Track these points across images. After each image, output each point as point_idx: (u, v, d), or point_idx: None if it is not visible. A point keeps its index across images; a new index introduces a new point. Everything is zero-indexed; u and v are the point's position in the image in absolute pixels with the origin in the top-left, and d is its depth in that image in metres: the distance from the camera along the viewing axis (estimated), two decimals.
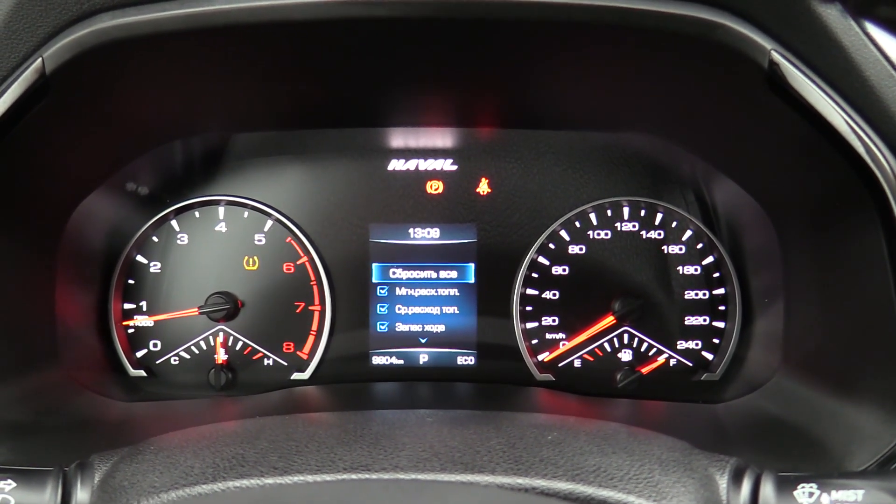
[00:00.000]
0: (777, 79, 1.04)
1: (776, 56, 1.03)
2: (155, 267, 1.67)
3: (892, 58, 1.03)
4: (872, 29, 1.01)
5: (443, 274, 1.70)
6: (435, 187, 1.70)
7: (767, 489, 0.89)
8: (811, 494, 0.88)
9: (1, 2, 1.04)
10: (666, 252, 1.67)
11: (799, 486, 0.89)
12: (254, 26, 1.04)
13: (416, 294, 1.70)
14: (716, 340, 1.67)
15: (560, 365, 1.69)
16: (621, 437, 1.01)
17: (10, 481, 0.92)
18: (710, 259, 1.67)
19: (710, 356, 1.67)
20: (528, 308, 1.68)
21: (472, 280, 1.69)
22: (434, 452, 0.92)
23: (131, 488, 0.90)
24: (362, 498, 0.79)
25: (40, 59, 1.05)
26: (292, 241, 1.68)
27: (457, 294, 1.70)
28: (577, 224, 1.68)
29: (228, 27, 1.04)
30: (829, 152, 1.08)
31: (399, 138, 1.66)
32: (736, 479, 0.92)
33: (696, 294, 1.67)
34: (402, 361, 1.70)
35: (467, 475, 0.87)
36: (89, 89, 1.16)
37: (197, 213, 1.68)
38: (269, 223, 1.68)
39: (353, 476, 0.86)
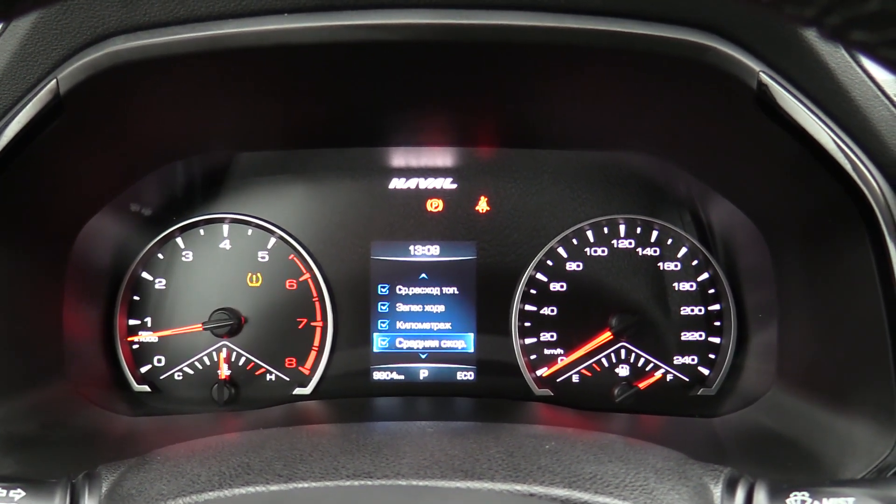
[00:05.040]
0: (766, 99, 1.08)
1: (764, 77, 1.07)
2: (160, 283, 1.70)
3: (878, 78, 1.07)
4: None
5: (443, 290, 1.72)
6: (435, 205, 1.73)
7: (761, 497, 0.91)
8: (803, 502, 0.90)
9: (17, 25, 1.08)
10: (662, 269, 1.70)
11: (791, 495, 0.90)
12: (262, 49, 1.07)
13: (417, 310, 1.72)
14: (711, 356, 1.69)
15: (558, 380, 1.71)
16: (618, 447, 1.04)
17: (19, 490, 0.93)
18: (705, 276, 1.70)
19: (706, 371, 1.69)
20: (527, 324, 1.70)
21: (471, 296, 1.72)
22: (435, 460, 0.94)
23: (139, 496, 0.92)
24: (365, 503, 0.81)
25: (55, 81, 1.09)
26: (295, 259, 1.71)
27: (456, 310, 1.72)
28: (575, 241, 1.71)
29: (237, 50, 1.07)
30: (818, 171, 1.11)
31: (400, 157, 1.69)
32: (730, 487, 0.94)
33: (692, 310, 1.69)
34: (402, 377, 1.72)
35: (467, 482, 0.89)
36: (101, 110, 1.19)
37: (202, 231, 1.71)
38: (273, 241, 1.71)
39: (356, 483, 0.89)
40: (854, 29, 0.52)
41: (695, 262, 1.70)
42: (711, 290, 1.70)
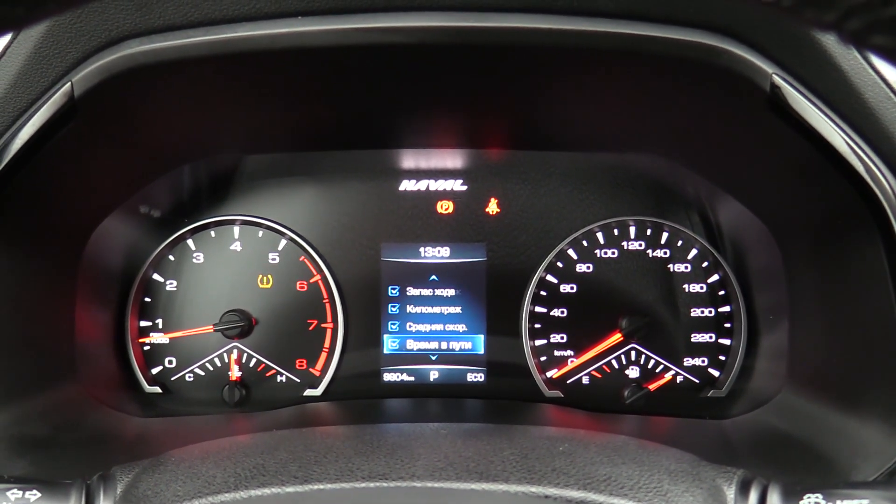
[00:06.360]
0: (779, 101, 1.08)
1: (777, 80, 1.07)
2: (171, 285, 1.70)
3: (891, 80, 1.07)
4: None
5: (452, 292, 1.72)
6: (445, 207, 1.73)
7: (774, 499, 0.91)
8: None
9: (32, 28, 1.09)
10: (672, 270, 1.70)
11: (805, 497, 0.90)
12: (275, 52, 1.08)
13: (427, 312, 1.72)
14: (722, 357, 1.69)
15: (568, 382, 1.71)
16: (631, 448, 1.04)
17: (35, 492, 0.94)
18: (715, 277, 1.70)
19: (716, 373, 1.69)
20: (537, 325, 1.70)
21: (481, 298, 1.72)
22: (449, 462, 0.94)
23: (155, 497, 0.92)
24: None
25: (69, 84, 1.10)
26: (305, 260, 1.71)
27: (466, 312, 1.72)
28: (585, 243, 1.71)
29: (250, 53, 1.08)
30: (830, 172, 1.11)
31: (410, 159, 1.70)
32: (743, 489, 0.94)
33: (702, 312, 1.69)
34: (412, 378, 1.73)
35: (482, 484, 0.89)
36: (115, 113, 1.20)
37: (212, 233, 1.71)
38: (283, 242, 1.71)
39: (372, 485, 0.89)
40: (875, 33, 0.52)
41: (705, 264, 1.70)
42: (721, 292, 1.69)
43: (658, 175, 1.68)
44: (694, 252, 1.70)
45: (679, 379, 1.69)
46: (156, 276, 1.70)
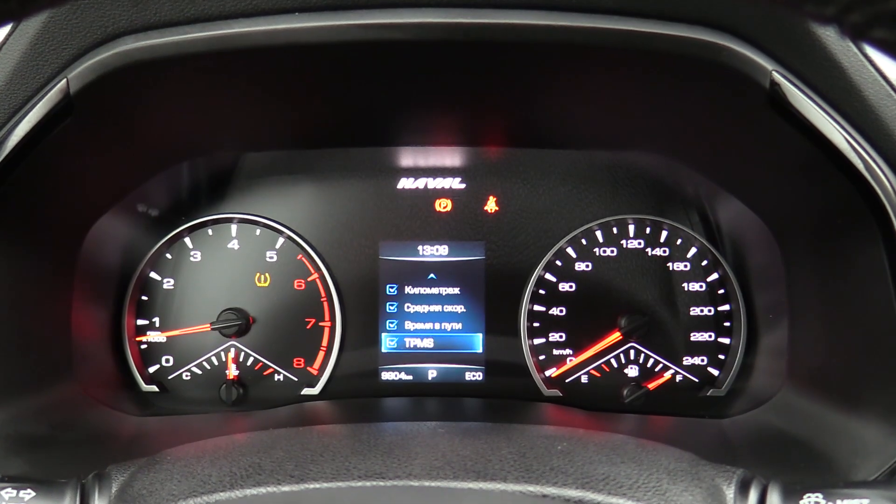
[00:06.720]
0: (778, 98, 1.07)
1: (777, 77, 1.06)
2: (168, 284, 1.70)
3: (891, 78, 1.06)
4: (871, 50, 1.04)
5: (451, 290, 1.72)
6: (443, 205, 1.72)
7: (774, 498, 0.91)
8: None
9: (28, 24, 1.08)
10: (671, 269, 1.70)
11: (805, 496, 0.90)
12: (271, 49, 1.07)
13: (425, 310, 1.72)
14: (721, 356, 1.69)
15: (567, 381, 1.70)
16: (629, 447, 1.03)
17: (29, 491, 0.93)
18: (714, 276, 1.69)
19: (715, 372, 1.69)
20: (536, 324, 1.70)
21: (480, 296, 1.71)
22: (446, 461, 0.94)
23: (150, 496, 0.92)
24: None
25: (65, 80, 1.09)
26: (303, 259, 1.70)
27: (465, 310, 1.72)
28: (584, 241, 1.70)
29: (247, 50, 1.07)
30: (830, 170, 1.11)
31: (408, 157, 1.69)
32: (743, 489, 0.94)
33: (702, 310, 1.69)
34: (410, 377, 1.72)
35: (480, 483, 0.89)
36: (111, 110, 1.19)
37: (210, 231, 1.71)
38: (281, 241, 1.70)
39: (368, 484, 0.88)
40: (875, 27, 0.51)
41: (704, 263, 1.70)
42: (721, 291, 1.69)
43: (657, 173, 1.68)
44: (693, 250, 1.70)
45: (678, 378, 1.69)
46: (153, 275, 1.70)
